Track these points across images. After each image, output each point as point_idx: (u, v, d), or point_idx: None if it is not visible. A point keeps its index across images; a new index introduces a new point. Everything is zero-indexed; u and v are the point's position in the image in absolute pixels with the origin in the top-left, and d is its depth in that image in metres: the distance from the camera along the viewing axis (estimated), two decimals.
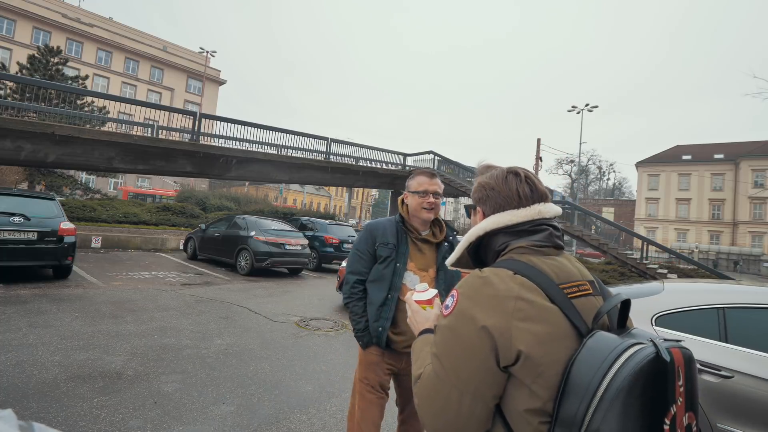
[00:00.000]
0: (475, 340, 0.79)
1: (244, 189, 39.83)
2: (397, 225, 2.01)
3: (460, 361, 0.80)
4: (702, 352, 2.47)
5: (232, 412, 3.06)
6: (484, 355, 0.78)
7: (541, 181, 1.01)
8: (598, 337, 0.76)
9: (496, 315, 0.78)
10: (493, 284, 0.82)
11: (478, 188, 1.04)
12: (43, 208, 7.00)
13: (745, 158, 43.45)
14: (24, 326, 4.50)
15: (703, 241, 43.93)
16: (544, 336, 0.77)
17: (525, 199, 0.96)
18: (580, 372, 0.73)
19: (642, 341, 0.74)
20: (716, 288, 2.93)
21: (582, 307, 0.83)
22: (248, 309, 6.38)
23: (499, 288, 0.81)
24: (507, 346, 0.76)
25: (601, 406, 0.69)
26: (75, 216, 13.31)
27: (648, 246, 14.77)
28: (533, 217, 0.94)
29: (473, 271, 0.89)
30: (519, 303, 0.78)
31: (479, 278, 0.85)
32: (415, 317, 1.07)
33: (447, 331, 0.83)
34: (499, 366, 0.78)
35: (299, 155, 17.03)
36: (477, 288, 0.83)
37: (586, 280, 0.90)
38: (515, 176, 0.99)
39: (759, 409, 2.24)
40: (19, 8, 33.61)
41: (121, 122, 14.32)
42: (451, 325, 0.83)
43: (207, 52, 37.87)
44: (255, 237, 10.05)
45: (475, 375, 0.78)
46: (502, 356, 0.77)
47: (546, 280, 0.83)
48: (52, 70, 19.20)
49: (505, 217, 0.94)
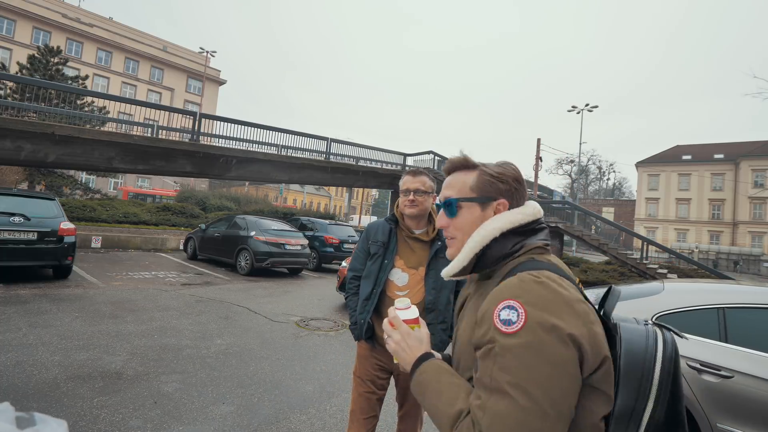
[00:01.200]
0: (564, 353, 0.69)
1: (244, 189, 39.83)
2: (389, 223, 2.08)
3: (553, 382, 0.68)
4: (702, 352, 2.47)
5: (232, 412, 3.06)
6: (575, 368, 0.70)
7: None
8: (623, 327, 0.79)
9: (577, 321, 0.71)
10: (557, 288, 0.74)
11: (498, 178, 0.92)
12: (43, 208, 7.00)
13: (745, 158, 43.44)
14: (24, 326, 4.49)
15: (703, 241, 43.92)
16: (603, 336, 0.76)
17: (523, 197, 0.94)
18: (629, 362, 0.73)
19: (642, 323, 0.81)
20: (716, 288, 2.93)
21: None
22: (248, 309, 6.38)
23: (564, 292, 0.74)
24: (594, 352, 0.72)
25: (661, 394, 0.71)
26: (75, 216, 13.32)
27: (648, 246, 14.77)
28: (537, 215, 0.91)
29: (520, 276, 0.78)
30: (584, 306, 0.75)
31: (537, 283, 0.75)
32: (407, 341, 0.91)
33: (524, 351, 0.69)
34: (582, 377, 0.71)
35: (299, 155, 17.03)
36: (543, 294, 0.73)
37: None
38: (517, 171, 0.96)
39: (759, 409, 2.24)
40: (19, 8, 33.60)
41: (121, 122, 14.32)
42: (529, 342, 0.69)
43: (207, 52, 37.87)
44: (255, 237, 10.04)
45: (568, 393, 0.69)
46: (587, 365, 0.71)
47: (573, 280, 0.83)
48: (52, 70, 19.20)
49: (517, 216, 0.88)
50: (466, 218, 0.93)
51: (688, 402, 2.42)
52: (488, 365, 0.72)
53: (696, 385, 2.40)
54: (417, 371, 0.86)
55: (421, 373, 0.85)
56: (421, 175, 2.03)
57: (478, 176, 0.93)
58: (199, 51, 40.04)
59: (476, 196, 0.92)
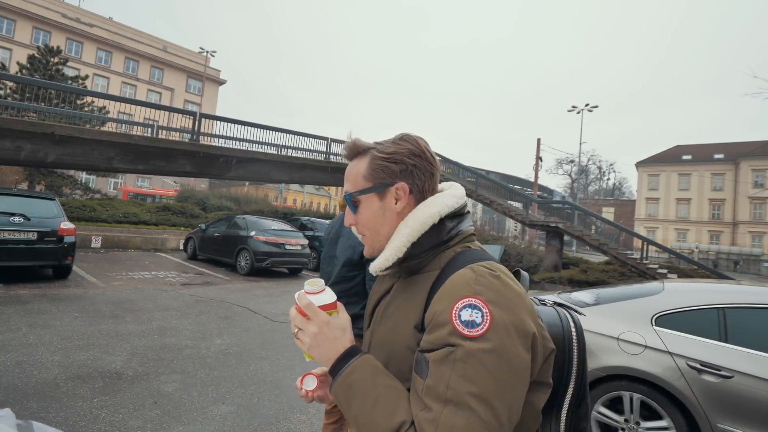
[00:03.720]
0: (526, 358, 0.63)
1: (244, 189, 39.81)
2: None
3: (514, 393, 0.61)
4: (702, 352, 2.47)
5: (232, 412, 3.06)
6: (529, 373, 0.64)
7: None
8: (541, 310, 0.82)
9: (531, 317, 0.66)
10: (510, 282, 0.68)
11: (390, 159, 0.78)
12: (43, 208, 7.00)
13: (745, 158, 43.44)
14: (24, 326, 4.49)
15: (703, 241, 43.91)
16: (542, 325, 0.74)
17: (438, 171, 0.82)
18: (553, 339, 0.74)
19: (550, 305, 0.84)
20: (716, 288, 2.93)
21: None
22: (248, 309, 6.38)
23: (516, 286, 0.69)
24: (544, 350, 0.69)
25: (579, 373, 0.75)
26: (75, 216, 13.32)
27: (648, 246, 14.76)
28: (464, 198, 0.82)
29: (474, 269, 0.68)
30: (529, 300, 0.71)
31: (494, 277, 0.67)
32: (327, 331, 0.73)
33: (491, 358, 0.60)
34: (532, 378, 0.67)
35: (299, 155, 17.03)
36: (502, 290, 0.66)
37: None
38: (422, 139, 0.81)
39: (759, 409, 2.24)
40: (19, 8, 33.60)
41: (121, 122, 14.32)
42: (495, 347, 0.61)
43: (207, 52, 37.86)
44: (255, 237, 10.04)
45: (521, 401, 0.63)
46: (536, 365, 0.67)
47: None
48: (52, 70, 19.19)
49: (450, 199, 0.78)
50: (367, 213, 0.80)
51: (688, 402, 2.42)
52: (445, 372, 0.61)
53: (696, 385, 2.40)
54: (344, 371, 0.69)
55: (350, 374, 0.68)
56: None
57: (369, 161, 0.80)
58: (199, 51, 40.05)
59: (371, 185, 0.79)
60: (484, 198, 17.37)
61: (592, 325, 2.83)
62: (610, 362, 2.67)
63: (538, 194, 24.17)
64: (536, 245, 17.25)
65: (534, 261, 13.80)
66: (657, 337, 2.62)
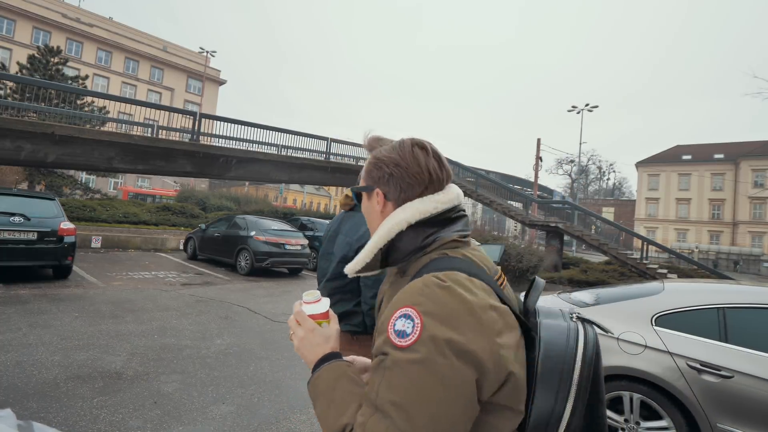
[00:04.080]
0: (460, 374, 0.60)
1: (244, 189, 39.82)
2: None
3: (442, 408, 0.59)
4: (702, 352, 2.47)
5: (232, 412, 3.06)
6: (471, 392, 0.61)
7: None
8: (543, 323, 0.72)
9: (481, 336, 0.62)
10: (463, 294, 0.65)
11: (375, 164, 0.82)
12: (43, 208, 7.00)
13: (745, 158, 43.44)
14: (24, 326, 4.49)
15: (703, 241, 43.91)
16: (516, 344, 0.67)
17: (437, 179, 0.79)
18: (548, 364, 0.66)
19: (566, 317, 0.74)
20: (716, 288, 2.93)
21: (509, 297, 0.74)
22: (248, 309, 6.38)
23: (471, 298, 0.65)
24: (497, 370, 0.63)
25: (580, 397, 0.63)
26: (75, 216, 13.32)
27: (648, 246, 14.76)
28: (454, 202, 0.79)
29: (424, 279, 0.68)
30: (492, 314, 0.65)
31: (441, 288, 0.65)
32: (311, 338, 0.79)
33: (416, 368, 0.60)
34: (481, 398, 0.63)
35: (299, 155, 17.03)
36: (445, 302, 0.64)
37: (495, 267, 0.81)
38: (421, 149, 0.80)
39: (759, 409, 2.24)
40: (19, 8, 33.60)
41: (121, 122, 14.33)
42: (423, 358, 0.60)
43: (207, 52, 37.86)
44: (255, 237, 10.04)
45: (459, 421, 0.61)
46: (487, 385, 0.62)
47: (489, 277, 0.72)
48: (52, 70, 19.20)
49: (429, 204, 0.77)
50: (364, 208, 0.86)
51: (688, 402, 2.42)
52: (376, 379, 0.64)
53: (696, 385, 2.40)
54: (314, 374, 0.75)
55: (317, 377, 0.74)
56: None
57: (367, 161, 0.85)
58: (199, 51, 40.05)
59: (364, 184, 0.85)
60: (484, 198, 17.37)
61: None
62: (610, 362, 2.68)
63: (538, 194, 24.17)
64: (536, 245, 17.24)
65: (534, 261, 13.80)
66: (657, 337, 2.62)
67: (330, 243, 2.06)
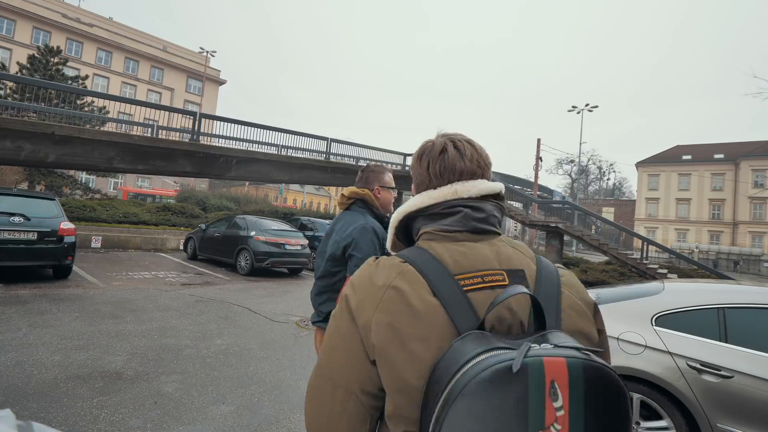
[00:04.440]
0: (346, 328, 0.73)
1: (244, 189, 39.80)
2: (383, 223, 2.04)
3: (334, 351, 0.74)
4: (702, 352, 2.47)
5: (232, 412, 3.06)
6: (354, 344, 0.71)
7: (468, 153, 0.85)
8: (465, 340, 0.62)
9: (366, 302, 0.71)
10: (377, 271, 0.75)
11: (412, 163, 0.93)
12: (43, 208, 7.00)
13: (745, 158, 43.45)
14: (24, 326, 4.49)
15: (703, 241, 43.91)
16: (407, 332, 0.66)
17: (436, 178, 0.84)
18: (435, 378, 0.61)
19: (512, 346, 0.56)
20: (716, 288, 2.93)
21: (481, 302, 0.68)
22: (248, 309, 6.38)
23: (379, 276, 0.73)
24: (367, 338, 0.69)
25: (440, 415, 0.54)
26: (75, 216, 13.31)
27: (648, 246, 14.76)
28: (446, 197, 0.81)
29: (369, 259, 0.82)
30: (389, 293, 0.70)
31: (369, 265, 0.78)
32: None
33: (331, 319, 0.77)
34: (368, 359, 0.70)
35: (299, 155, 17.03)
36: (361, 275, 0.77)
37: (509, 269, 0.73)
38: (431, 149, 0.87)
39: (759, 409, 2.24)
40: (19, 8, 33.60)
41: (121, 122, 14.32)
42: (334, 312, 0.77)
43: (207, 52, 37.89)
44: (255, 237, 10.04)
45: (346, 366, 0.71)
46: (368, 349, 0.69)
47: (436, 270, 0.71)
48: (52, 70, 19.20)
49: (422, 198, 0.84)
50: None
51: (688, 402, 2.42)
52: None
53: (696, 385, 2.40)
54: None
55: None
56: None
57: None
58: (198, 51, 40.08)
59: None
60: None
61: None
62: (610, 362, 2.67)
63: (538, 194, 24.16)
64: (536, 245, 17.23)
65: None
66: (657, 337, 2.62)
67: (325, 242, 2.10)
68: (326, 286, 2.01)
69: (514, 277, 0.72)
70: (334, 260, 1.96)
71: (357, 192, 2.03)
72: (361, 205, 2.03)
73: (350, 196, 2.04)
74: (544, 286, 0.74)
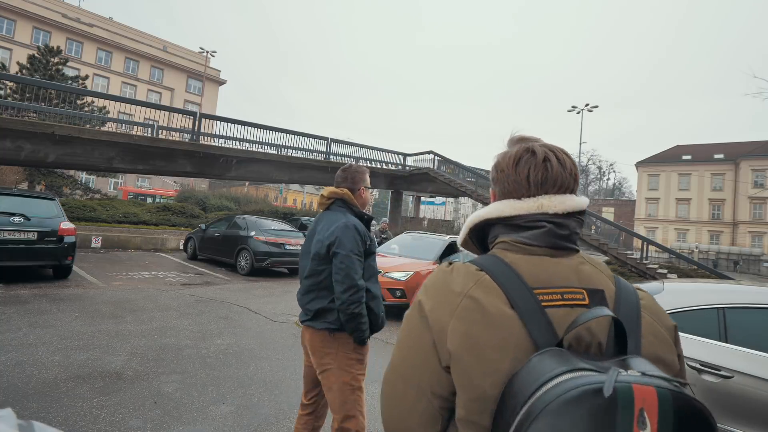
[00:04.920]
0: (419, 331, 0.74)
1: (244, 189, 39.80)
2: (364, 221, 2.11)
3: (408, 351, 0.76)
4: (702, 352, 2.47)
5: (232, 412, 3.06)
6: (426, 348, 0.73)
7: (568, 165, 0.82)
8: (544, 356, 0.62)
9: (441, 308, 0.72)
10: (452, 278, 0.75)
11: (493, 166, 0.90)
12: (43, 208, 7.00)
13: (745, 158, 43.45)
14: (24, 326, 4.50)
15: (703, 241, 43.92)
16: (483, 342, 0.66)
17: (535, 188, 0.80)
18: (513, 391, 0.61)
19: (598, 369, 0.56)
20: (716, 288, 2.93)
21: (560, 319, 0.68)
22: (248, 309, 6.38)
23: (455, 282, 0.74)
24: (442, 343, 0.70)
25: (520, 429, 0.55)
26: (75, 216, 13.31)
27: (648, 246, 14.77)
28: (530, 211, 0.79)
29: (442, 264, 0.83)
30: (466, 301, 0.70)
31: (444, 271, 0.79)
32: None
33: (405, 320, 0.80)
34: (441, 364, 0.71)
35: (299, 155, 17.05)
36: (436, 279, 0.78)
37: (584, 288, 0.73)
38: (532, 156, 0.82)
39: (759, 409, 2.24)
40: (19, 8, 33.62)
41: (121, 122, 14.33)
42: (408, 313, 0.79)
43: (207, 52, 37.91)
44: (255, 237, 10.05)
45: (418, 367, 0.73)
46: (441, 354, 0.71)
47: (514, 281, 0.71)
48: (52, 70, 19.21)
49: (504, 207, 0.82)
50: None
51: None
52: None
53: (696, 385, 2.40)
54: None
55: None
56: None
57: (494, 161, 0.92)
58: (199, 51, 40.10)
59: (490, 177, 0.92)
60: (484, 198, 17.39)
61: None
62: None
63: None
64: None
65: None
66: None
67: (308, 242, 2.16)
68: (313, 284, 2.06)
69: (594, 297, 0.72)
70: (319, 259, 2.03)
71: (336, 192, 2.11)
72: (341, 204, 2.10)
73: (329, 196, 2.12)
74: (624, 309, 0.73)
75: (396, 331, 6.89)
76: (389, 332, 5.63)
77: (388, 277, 6.65)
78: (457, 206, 60.34)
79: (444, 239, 8.54)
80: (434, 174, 19.88)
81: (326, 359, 2.03)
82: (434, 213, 51.43)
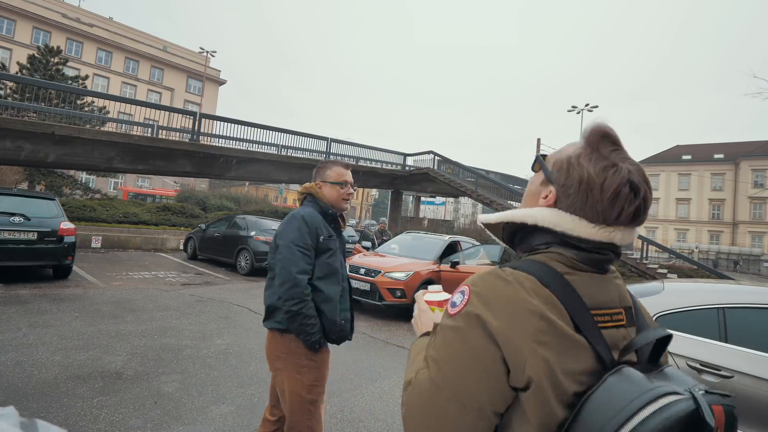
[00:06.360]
0: (483, 348, 0.66)
1: (244, 189, 39.80)
2: (328, 217, 2.05)
3: (464, 371, 0.67)
4: (702, 352, 2.47)
5: (232, 412, 3.06)
6: (493, 367, 0.66)
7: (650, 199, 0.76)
8: (623, 375, 0.62)
9: (513, 327, 0.65)
10: (517, 293, 0.68)
11: (568, 164, 0.76)
12: (43, 208, 7.00)
13: (745, 158, 43.45)
14: (24, 326, 4.50)
15: (703, 241, 43.92)
16: (563, 370, 0.65)
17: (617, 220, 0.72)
18: (593, 414, 0.60)
19: (677, 389, 0.59)
20: (716, 288, 2.92)
21: (611, 340, 0.69)
22: (248, 309, 6.38)
23: (523, 298, 0.67)
24: (519, 367, 0.64)
25: None
26: (75, 216, 13.31)
27: (648, 246, 14.76)
28: (602, 240, 0.73)
29: (493, 268, 0.75)
30: (541, 323, 0.65)
31: (500, 279, 0.70)
32: (421, 317, 0.97)
33: (452, 333, 0.70)
34: (509, 384, 0.66)
35: (299, 155, 17.05)
36: (495, 289, 0.69)
37: (623, 307, 0.75)
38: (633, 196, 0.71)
39: (759, 410, 2.24)
40: (19, 8, 33.60)
41: (121, 122, 14.32)
42: (458, 326, 0.69)
43: (207, 52, 37.84)
44: (255, 237, 10.05)
45: (480, 389, 0.66)
46: (513, 375, 0.65)
47: (577, 303, 0.69)
48: (52, 70, 19.20)
49: (572, 225, 0.73)
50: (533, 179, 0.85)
51: None
52: (431, 340, 0.76)
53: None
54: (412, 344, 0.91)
55: (413, 345, 0.90)
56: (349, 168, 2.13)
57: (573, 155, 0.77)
58: (199, 51, 40.02)
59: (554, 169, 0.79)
60: (484, 198, 17.38)
61: None
62: None
63: None
64: None
65: None
66: None
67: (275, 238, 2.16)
68: (268, 280, 2.04)
69: (629, 315, 0.76)
70: (273, 252, 2.06)
71: (306, 187, 2.14)
72: (310, 199, 2.10)
73: (302, 192, 2.15)
74: (641, 319, 0.78)
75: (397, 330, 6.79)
76: (390, 332, 5.63)
77: (388, 277, 6.64)
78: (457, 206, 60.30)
79: (444, 239, 8.54)
80: (434, 174, 19.87)
81: (277, 363, 1.91)
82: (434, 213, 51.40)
